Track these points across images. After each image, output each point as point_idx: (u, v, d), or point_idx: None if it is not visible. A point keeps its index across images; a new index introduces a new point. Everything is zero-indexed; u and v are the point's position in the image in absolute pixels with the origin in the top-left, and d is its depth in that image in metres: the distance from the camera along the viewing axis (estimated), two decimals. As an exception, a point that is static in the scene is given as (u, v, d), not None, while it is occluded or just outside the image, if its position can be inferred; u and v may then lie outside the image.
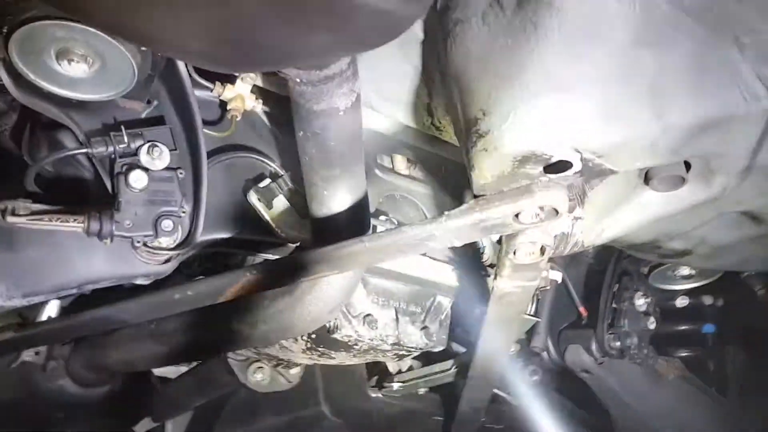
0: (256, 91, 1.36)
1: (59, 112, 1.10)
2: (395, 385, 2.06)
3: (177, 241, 1.13)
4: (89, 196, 1.16)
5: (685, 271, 1.85)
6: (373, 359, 1.76)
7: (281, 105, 1.42)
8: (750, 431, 2.07)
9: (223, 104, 1.31)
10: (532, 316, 1.72)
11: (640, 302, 1.81)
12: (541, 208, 0.96)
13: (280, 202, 1.35)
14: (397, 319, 1.54)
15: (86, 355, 1.67)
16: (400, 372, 2.11)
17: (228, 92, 1.28)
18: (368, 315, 1.49)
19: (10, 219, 0.99)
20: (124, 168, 1.07)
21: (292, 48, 0.80)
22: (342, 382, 2.32)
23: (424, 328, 1.58)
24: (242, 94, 1.31)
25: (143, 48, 1.03)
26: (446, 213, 0.99)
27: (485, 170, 0.93)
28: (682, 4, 0.81)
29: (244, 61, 0.86)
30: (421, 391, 2.18)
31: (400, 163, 1.52)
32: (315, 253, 1.08)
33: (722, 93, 0.87)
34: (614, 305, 1.78)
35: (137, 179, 1.05)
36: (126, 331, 1.44)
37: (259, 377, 2.08)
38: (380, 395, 2.19)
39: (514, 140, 0.88)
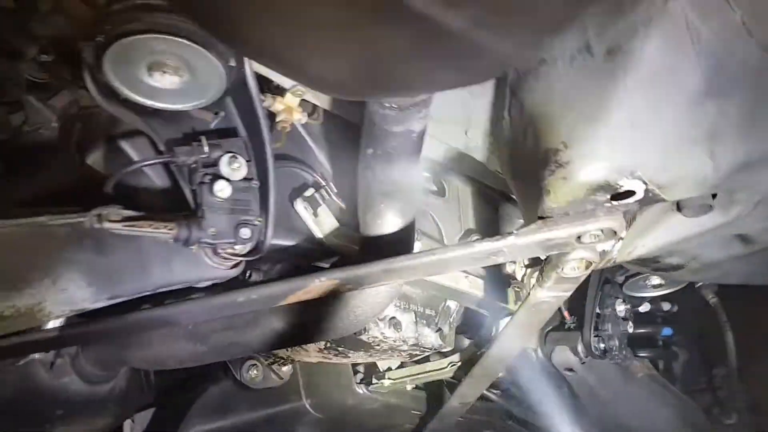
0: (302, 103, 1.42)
1: (140, 121, 1.13)
2: (386, 382, 2.15)
3: (248, 248, 1.18)
4: (154, 203, 1.20)
5: (656, 281, 2.04)
6: (386, 359, 1.85)
7: (322, 117, 1.49)
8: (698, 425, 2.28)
9: (271, 116, 1.37)
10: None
11: (620, 308, 1.99)
12: (602, 231, 1.09)
13: (325, 212, 1.42)
14: (416, 321, 1.64)
15: (101, 352, 1.67)
16: (390, 369, 2.20)
17: (278, 104, 1.33)
18: (393, 318, 1.58)
19: (106, 225, 1.02)
20: (207, 178, 1.11)
21: (418, 83, 0.89)
22: (325, 378, 2.39)
23: (438, 330, 1.69)
24: (291, 107, 1.37)
25: (233, 64, 1.08)
26: (515, 231, 1.10)
27: (560, 196, 1.04)
28: (748, 61, 0.95)
29: (369, 92, 0.94)
30: (408, 387, 2.28)
31: (422, 178, 1.62)
32: (382, 264, 1.16)
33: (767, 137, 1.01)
34: (598, 310, 1.94)
35: (221, 189, 1.10)
36: (159, 330, 1.47)
37: (253, 374, 2.15)
38: (366, 391, 2.26)
39: (593, 171, 1.00)
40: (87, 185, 1.36)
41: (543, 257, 1.20)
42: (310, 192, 1.42)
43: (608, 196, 1.04)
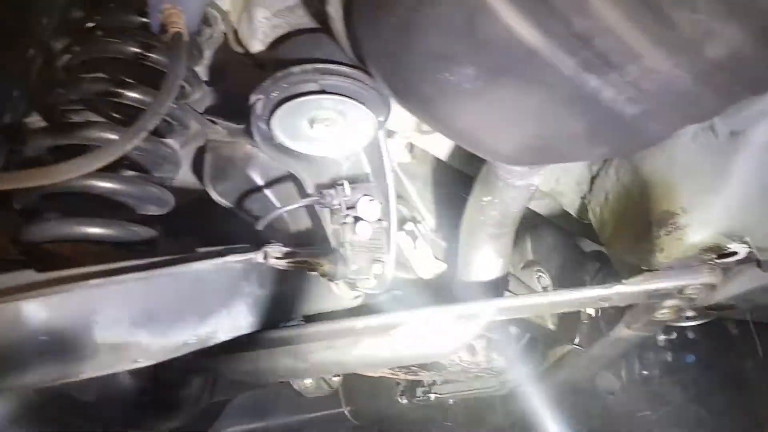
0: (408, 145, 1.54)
1: (295, 166, 1.25)
2: (432, 396, 2.27)
3: (374, 283, 1.30)
4: (290, 239, 1.31)
5: (691, 313, 2.18)
6: (453, 378, 1.98)
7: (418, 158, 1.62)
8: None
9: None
10: (579, 346, 1.99)
11: (661, 338, 2.13)
12: (702, 284, 1.22)
13: (422, 245, 1.54)
14: (487, 347, 1.77)
15: (185, 361, 1.77)
16: (435, 383, 2.32)
17: (387, 145, 1.45)
18: (470, 344, 1.71)
19: (271, 261, 1.13)
20: (349, 218, 1.23)
21: (578, 155, 1.03)
22: (367, 387, 2.50)
23: (504, 354, 1.82)
24: (398, 148, 1.49)
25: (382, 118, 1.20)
26: (623, 281, 1.23)
27: (672, 254, 1.17)
28: None
29: (532, 161, 1.07)
30: (451, 401, 2.40)
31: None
32: (496, 302, 1.29)
33: None
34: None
35: (363, 230, 1.22)
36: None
37: (307, 383, 2.25)
38: (408, 402, 2.38)
39: (707, 236, 1.13)
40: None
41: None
42: (409, 227, 1.53)
43: (714, 256, 1.17)
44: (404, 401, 2.41)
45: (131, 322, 0.93)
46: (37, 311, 0.84)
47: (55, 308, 0.86)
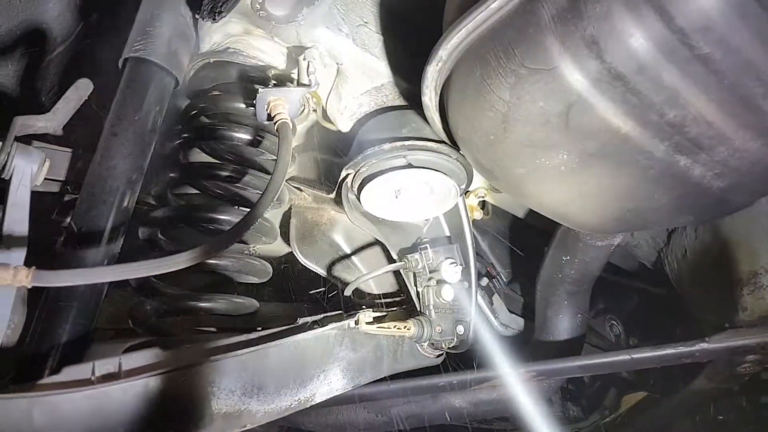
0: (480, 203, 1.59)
1: (377, 231, 1.31)
2: None
3: (456, 342, 1.34)
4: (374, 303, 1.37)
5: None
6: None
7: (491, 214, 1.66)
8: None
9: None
10: (653, 393, 1.99)
11: (736, 383, 2.12)
12: (784, 339, 1.23)
13: (498, 301, 1.58)
14: (563, 396, 1.78)
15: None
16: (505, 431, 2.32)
17: (461, 203, 1.49)
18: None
19: (363, 327, 1.18)
20: (432, 282, 1.27)
21: (663, 223, 1.06)
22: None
23: (580, 403, 1.83)
24: (473, 206, 1.54)
25: (464, 186, 1.25)
26: (707, 338, 1.25)
27: (756, 312, 1.19)
28: None
29: (617, 230, 1.11)
30: None
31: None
32: (581, 360, 1.32)
33: None
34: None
35: (447, 292, 1.27)
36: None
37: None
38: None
39: (791, 294, 1.15)
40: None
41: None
42: (485, 282, 1.58)
43: (797, 312, 1.19)
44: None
45: (243, 392, 0.99)
46: (164, 385, 0.91)
47: (179, 382, 0.93)
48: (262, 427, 1.80)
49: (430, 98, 0.98)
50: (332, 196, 1.29)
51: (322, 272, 1.46)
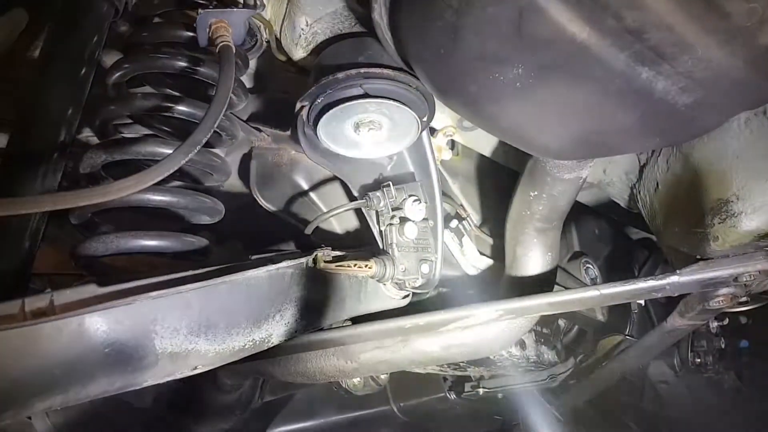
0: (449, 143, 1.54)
1: (338, 169, 1.25)
2: (481, 391, 2.26)
3: (422, 282, 1.30)
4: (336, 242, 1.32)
5: (744, 298, 2.14)
6: (502, 372, 1.97)
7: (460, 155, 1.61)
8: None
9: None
10: (630, 336, 1.97)
11: (714, 325, 2.10)
12: (759, 271, 1.20)
13: (468, 243, 1.53)
14: (537, 340, 1.76)
15: (239, 365, 1.80)
16: (483, 378, 2.31)
17: (430, 143, 1.44)
18: (520, 338, 1.70)
19: (321, 265, 1.14)
20: (396, 220, 1.23)
21: (629, 147, 1.01)
22: (415, 384, 2.50)
23: (554, 347, 1.81)
24: (440, 146, 1.49)
25: (426, 119, 1.19)
26: (678, 271, 1.21)
27: (727, 242, 1.15)
28: None
29: (582, 156, 1.06)
30: (500, 396, 2.39)
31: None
32: (547, 297, 1.28)
33: None
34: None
35: (410, 230, 1.22)
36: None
37: (355, 381, 2.27)
38: (457, 398, 2.38)
39: (764, 222, 1.11)
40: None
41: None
42: (455, 224, 1.53)
43: (770, 242, 1.15)
44: (452, 396, 2.41)
45: (189, 330, 0.95)
46: (100, 324, 0.86)
47: (117, 320, 0.88)
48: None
49: (380, 15, 0.92)
50: (289, 133, 1.24)
51: (283, 215, 1.41)
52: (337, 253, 1.17)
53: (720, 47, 0.76)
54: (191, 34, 1.03)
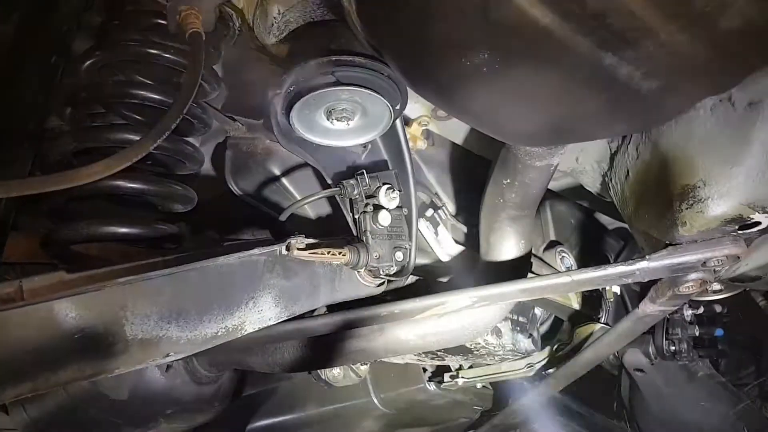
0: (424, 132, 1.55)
1: (312, 158, 1.26)
2: (459, 381, 2.28)
3: (396, 269, 1.30)
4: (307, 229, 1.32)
5: (717, 286, 2.17)
6: (480, 362, 1.99)
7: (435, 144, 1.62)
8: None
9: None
10: (606, 324, 1.99)
11: (688, 313, 2.13)
12: (726, 256, 1.22)
13: (443, 231, 1.55)
14: (513, 328, 1.77)
15: (216, 355, 1.80)
16: (461, 368, 2.33)
17: (405, 133, 1.45)
18: (495, 326, 1.72)
19: (294, 252, 1.14)
20: (369, 207, 1.24)
21: (598, 132, 1.03)
22: (395, 375, 2.52)
23: (530, 336, 1.83)
24: (415, 135, 1.50)
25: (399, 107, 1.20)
26: (647, 257, 1.23)
27: (695, 227, 1.17)
28: None
29: (551, 141, 1.07)
30: (479, 386, 2.41)
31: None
32: (519, 284, 1.29)
33: None
34: (668, 315, 2.07)
35: (384, 218, 1.23)
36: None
37: (335, 372, 2.28)
38: (437, 388, 2.40)
39: (729, 207, 1.13)
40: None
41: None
42: (430, 212, 1.54)
43: (737, 227, 1.17)
44: (432, 387, 2.42)
45: (160, 317, 0.95)
46: (69, 310, 0.87)
47: (87, 307, 0.88)
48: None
49: (349, 1, 0.92)
50: (263, 122, 1.24)
51: (258, 204, 1.41)
52: (311, 240, 1.18)
53: (681, 32, 0.78)
54: (163, 21, 1.03)
